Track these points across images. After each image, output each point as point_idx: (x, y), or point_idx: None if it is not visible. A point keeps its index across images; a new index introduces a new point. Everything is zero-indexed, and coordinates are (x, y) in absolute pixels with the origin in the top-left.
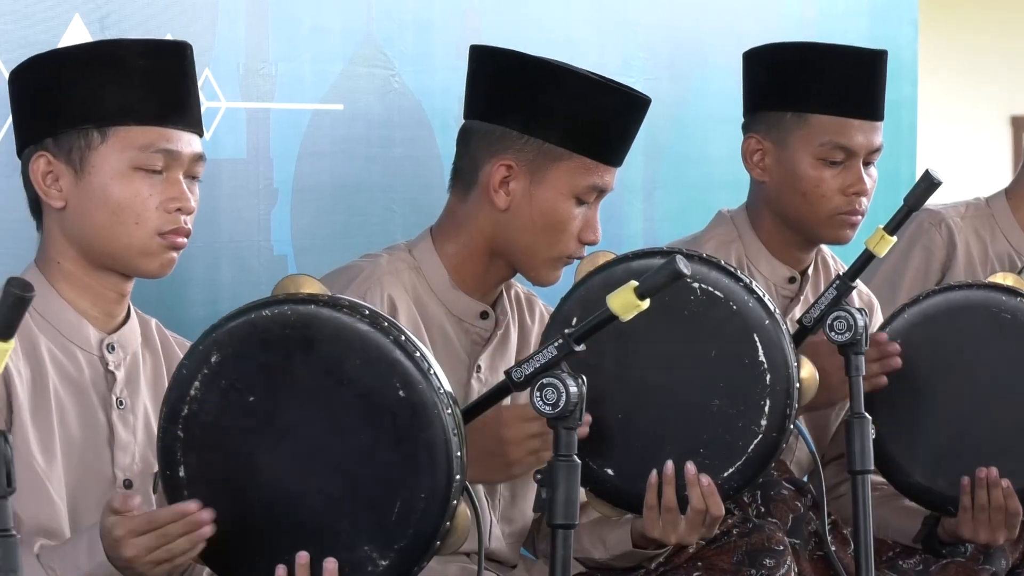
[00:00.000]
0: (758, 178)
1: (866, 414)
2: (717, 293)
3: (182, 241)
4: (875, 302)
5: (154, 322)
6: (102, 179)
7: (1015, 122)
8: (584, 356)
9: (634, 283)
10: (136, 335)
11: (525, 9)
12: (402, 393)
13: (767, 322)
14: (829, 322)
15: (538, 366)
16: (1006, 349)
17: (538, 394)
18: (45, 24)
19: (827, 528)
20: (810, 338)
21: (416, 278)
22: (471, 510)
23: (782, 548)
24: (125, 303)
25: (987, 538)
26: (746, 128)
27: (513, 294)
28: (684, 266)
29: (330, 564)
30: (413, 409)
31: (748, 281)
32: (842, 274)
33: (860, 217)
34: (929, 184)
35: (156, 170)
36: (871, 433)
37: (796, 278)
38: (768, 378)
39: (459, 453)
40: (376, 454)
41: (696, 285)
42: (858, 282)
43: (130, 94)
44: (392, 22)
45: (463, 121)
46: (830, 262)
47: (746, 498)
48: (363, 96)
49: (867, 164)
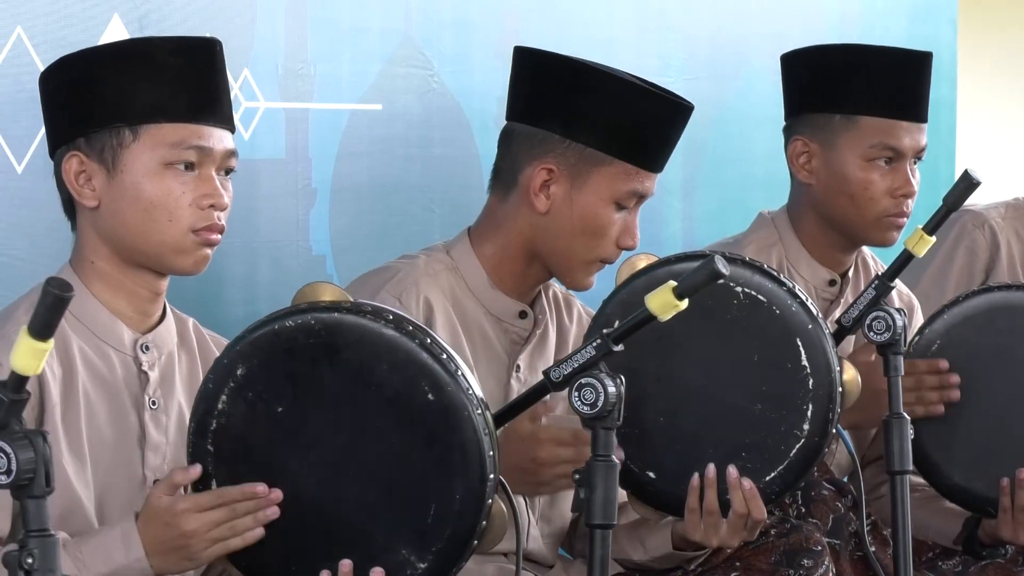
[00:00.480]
0: (804, 180)
1: (905, 414)
2: (760, 297)
3: (216, 238)
4: (915, 303)
5: (191, 321)
6: (134, 177)
7: None
8: (626, 359)
9: (672, 283)
10: (172, 335)
11: (564, 9)
12: (431, 396)
13: (810, 326)
14: (868, 322)
15: (576, 366)
16: None
17: (576, 394)
18: (84, 24)
19: (866, 529)
20: (862, 357)
21: (454, 279)
22: (508, 508)
23: (820, 548)
24: (160, 302)
25: None
26: (790, 130)
27: (551, 294)
28: (723, 266)
29: (376, 573)
30: (443, 412)
31: (791, 285)
32: (881, 274)
33: (906, 219)
34: (968, 184)
35: (189, 167)
36: (910, 433)
37: (836, 281)
38: (811, 382)
39: (491, 452)
40: (408, 457)
41: (739, 289)
42: (898, 282)
43: (161, 92)
44: (431, 22)
45: (502, 121)
46: (870, 263)
47: (787, 499)
48: (402, 96)
49: (912, 166)
